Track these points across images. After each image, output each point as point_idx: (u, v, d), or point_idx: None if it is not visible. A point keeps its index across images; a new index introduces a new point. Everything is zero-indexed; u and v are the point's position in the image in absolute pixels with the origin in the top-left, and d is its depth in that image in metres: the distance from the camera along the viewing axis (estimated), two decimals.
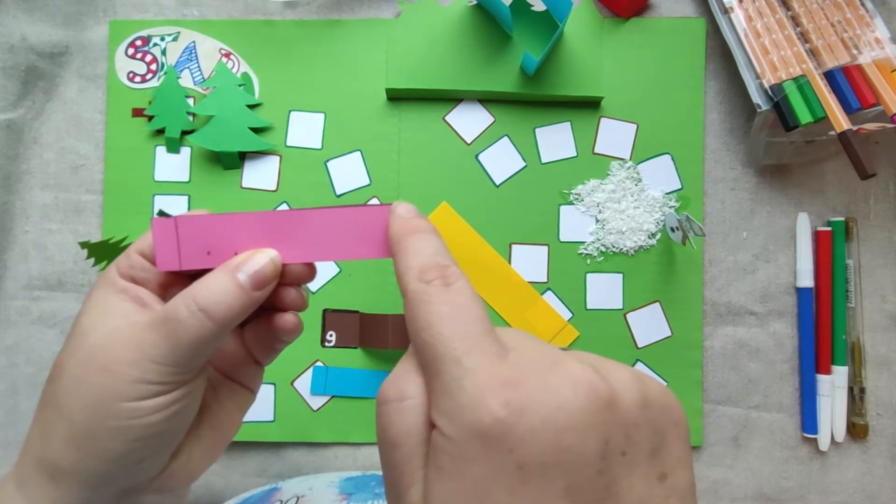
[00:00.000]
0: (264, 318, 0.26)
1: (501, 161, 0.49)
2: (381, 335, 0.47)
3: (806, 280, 0.48)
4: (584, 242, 0.49)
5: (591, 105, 0.49)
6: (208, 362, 0.26)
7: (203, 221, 0.24)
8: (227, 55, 0.49)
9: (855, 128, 0.42)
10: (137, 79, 0.49)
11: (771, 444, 0.48)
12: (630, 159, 0.49)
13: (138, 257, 0.25)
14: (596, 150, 0.49)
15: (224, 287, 0.23)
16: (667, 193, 0.49)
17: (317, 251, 0.24)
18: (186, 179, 0.49)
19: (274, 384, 0.48)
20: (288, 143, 0.49)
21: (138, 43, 0.49)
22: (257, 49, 0.49)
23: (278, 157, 0.49)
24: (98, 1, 0.50)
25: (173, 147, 0.49)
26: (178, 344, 0.22)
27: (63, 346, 0.24)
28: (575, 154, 0.49)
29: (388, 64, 0.48)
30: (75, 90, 0.50)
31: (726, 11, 0.46)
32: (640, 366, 0.48)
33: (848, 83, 0.43)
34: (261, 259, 0.23)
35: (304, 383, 0.48)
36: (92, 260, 0.47)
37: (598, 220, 0.49)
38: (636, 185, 0.49)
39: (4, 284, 0.49)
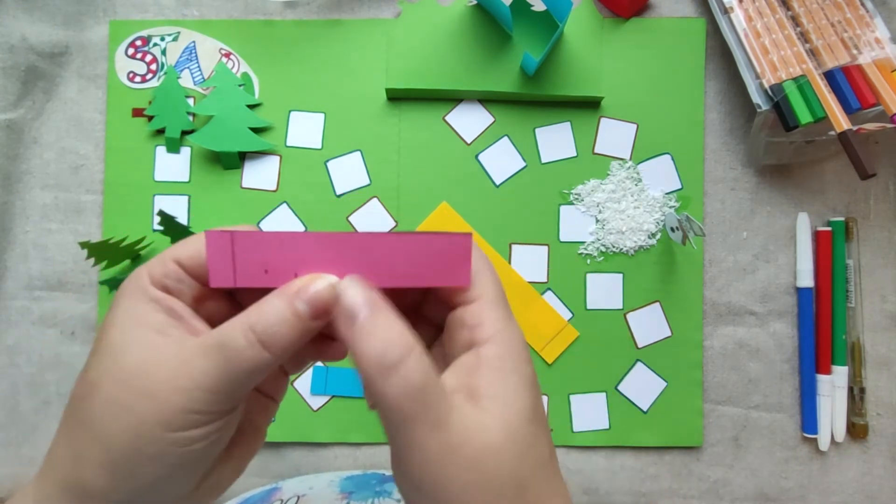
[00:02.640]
0: None
1: (501, 161, 0.49)
2: None
3: (806, 280, 0.48)
4: (584, 242, 0.49)
5: (591, 105, 0.49)
6: None
7: (261, 238, 0.23)
8: (227, 55, 0.49)
9: (855, 128, 0.42)
10: (137, 79, 0.49)
11: (771, 444, 0.49)
12: (630, 159, 0.49)
13: (175, 266, 0.23)
14: (596, 150, 0.49)
15: (282, 315, 0.21)
16: (667, 193, 0.49)
17: (384, 277, 0.23)
18: (186, 179, 0.49)
19: None
20: (288, 143, 0.49)
21: (138, 43, 0.49)
22: (257, 49, 0.49)
23: (278, 157, 0.49)
24: (98, 1, 0.50)
25: (173, 147, 0.49)
26: (232, 373, 0.21)
27: (92, 361, 0.22)
28: (575, 154, 0.49)
29: (388, 64, 0.48)
30: (75, 90, 0.50)
31: (726, 11, 0.46)
32: (639, 366, 0.48)
33: (848, 83, 0.43)
34: (321, 285, 0.22)
35: (304, 383, 0.48)
36: (92, 260, 0.47)
37: (598, 220, 0.49)
38: (636, 185, 0.49)
39: (5, 284, 0.49)
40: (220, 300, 0.25)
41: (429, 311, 0.26)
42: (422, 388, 0.20)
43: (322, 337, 0.25)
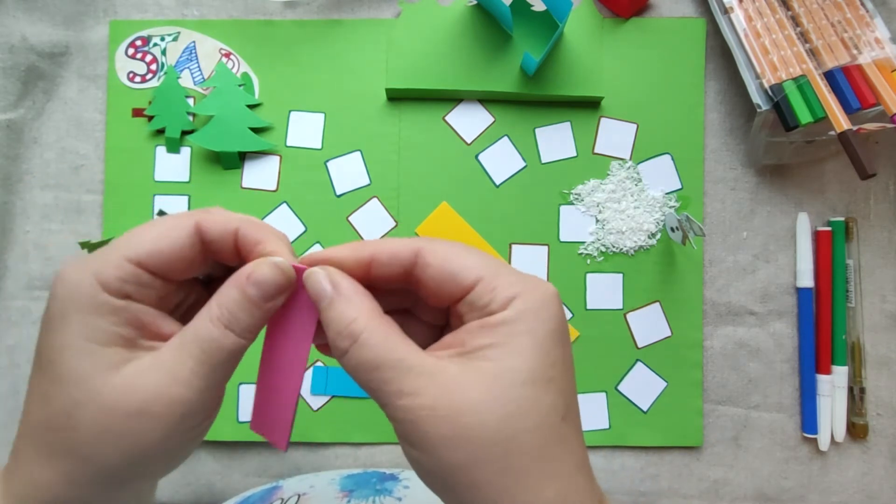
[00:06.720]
0: None
1: (501, 161, 0.49)
2: None
3: (806, 280, 0.48)
4: (584, 242, 0.49)
5: (591, 105, 0.49)
6: None
7: None
8: (227, 55, 0.49)
9: (855, 128, 0.42)
10: (137, 79, 0.49)
11: (771, 444, 0.49)
12: (630, 159, 0.49)
13: (133, 267, 0.21)
14: (596, 150, 0.49)
15: (238, 302, 0.22)
16: (667, 193, 0.49)
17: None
18: (186, 179, 0.49)
19: None
20: (288, 143, 0.49)
21: (138, 43, 0.49)
22: (257, 49, 0.49)
23: (278, 157, 0.49)
24: (98, 1, 0.50)
25: (173, 147, 0.49)
26: (215, 362, 0.21)
27: (52, 390, 0.21)
28: (575, 154, 0.49)
29: (388, 64, 0.48)
30: (75, 90, 0.50)
31: (726, 11, 0.46)
32: (639, 366, 0.48)
33: (848, 83, 0.43)
34: (264, 269, 0.22)
35: (304, 383, 0.48)
36: None
37: (598, 220, 0.49)
38: (636, 185, 0.49)
39: (5, 284, 0.49)
40: (184, 289, 0.24)
41: (423, 315, 0.25)
42: (377, 362, 0.20)
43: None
